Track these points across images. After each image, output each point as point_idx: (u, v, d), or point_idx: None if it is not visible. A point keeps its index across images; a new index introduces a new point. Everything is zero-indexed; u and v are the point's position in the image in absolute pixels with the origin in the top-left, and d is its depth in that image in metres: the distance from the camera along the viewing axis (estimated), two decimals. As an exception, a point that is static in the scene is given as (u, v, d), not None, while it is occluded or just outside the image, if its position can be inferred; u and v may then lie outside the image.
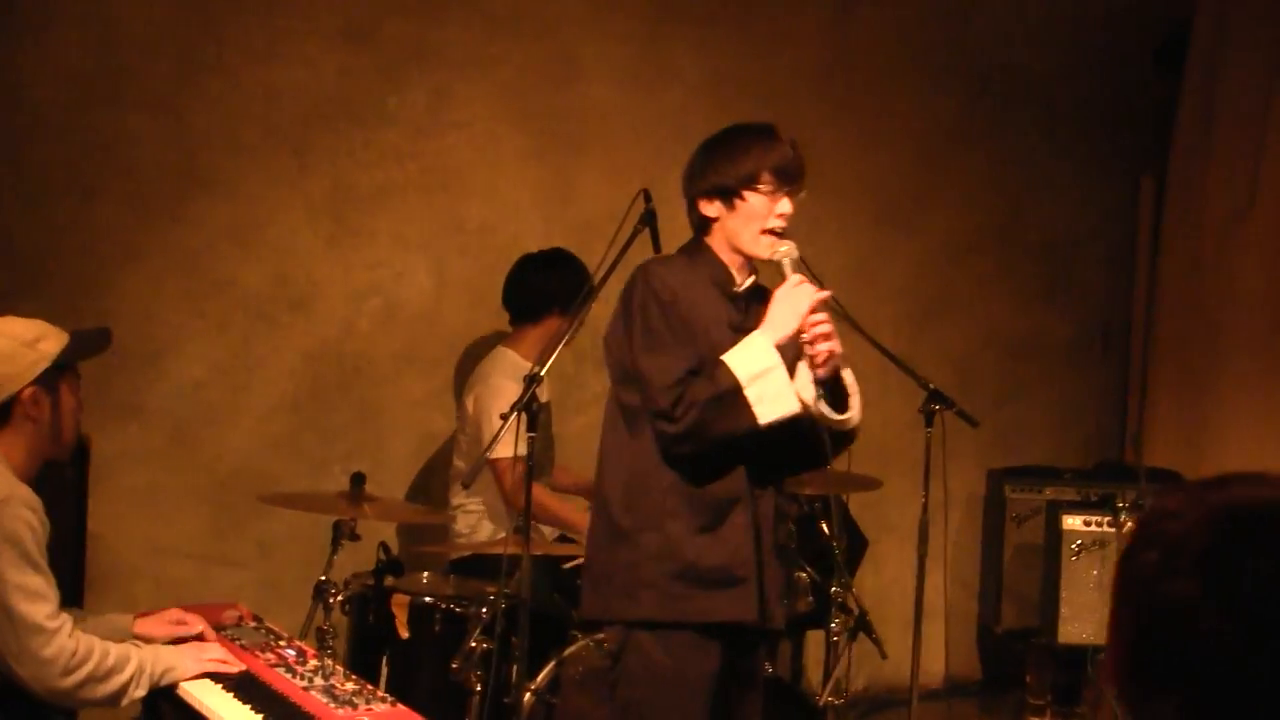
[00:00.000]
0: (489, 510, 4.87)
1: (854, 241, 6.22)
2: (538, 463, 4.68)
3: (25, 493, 3.15)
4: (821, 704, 4.52)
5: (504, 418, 3.76)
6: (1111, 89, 6.82)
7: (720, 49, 5.95)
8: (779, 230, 3.35)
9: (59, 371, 3.27)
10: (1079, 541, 5.70)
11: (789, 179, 3.36)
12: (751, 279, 3.46)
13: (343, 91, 5.16)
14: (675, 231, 4.42)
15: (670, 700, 3.32)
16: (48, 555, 3.15)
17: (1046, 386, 6.81)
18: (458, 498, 4.93)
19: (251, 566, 5.06)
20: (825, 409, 3.31)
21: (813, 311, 3.27)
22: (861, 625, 4.72)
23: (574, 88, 5.64)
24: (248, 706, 3.17)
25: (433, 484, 5.31)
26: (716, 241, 3.45)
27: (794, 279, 3.30)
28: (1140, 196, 6.99)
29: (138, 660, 3.21)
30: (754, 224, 3.36)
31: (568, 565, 4.62)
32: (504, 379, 4.78)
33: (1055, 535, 5.76)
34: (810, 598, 4.55)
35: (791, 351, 3.30)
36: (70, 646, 3.10)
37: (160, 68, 4.83)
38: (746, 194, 3.35)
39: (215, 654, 3.40)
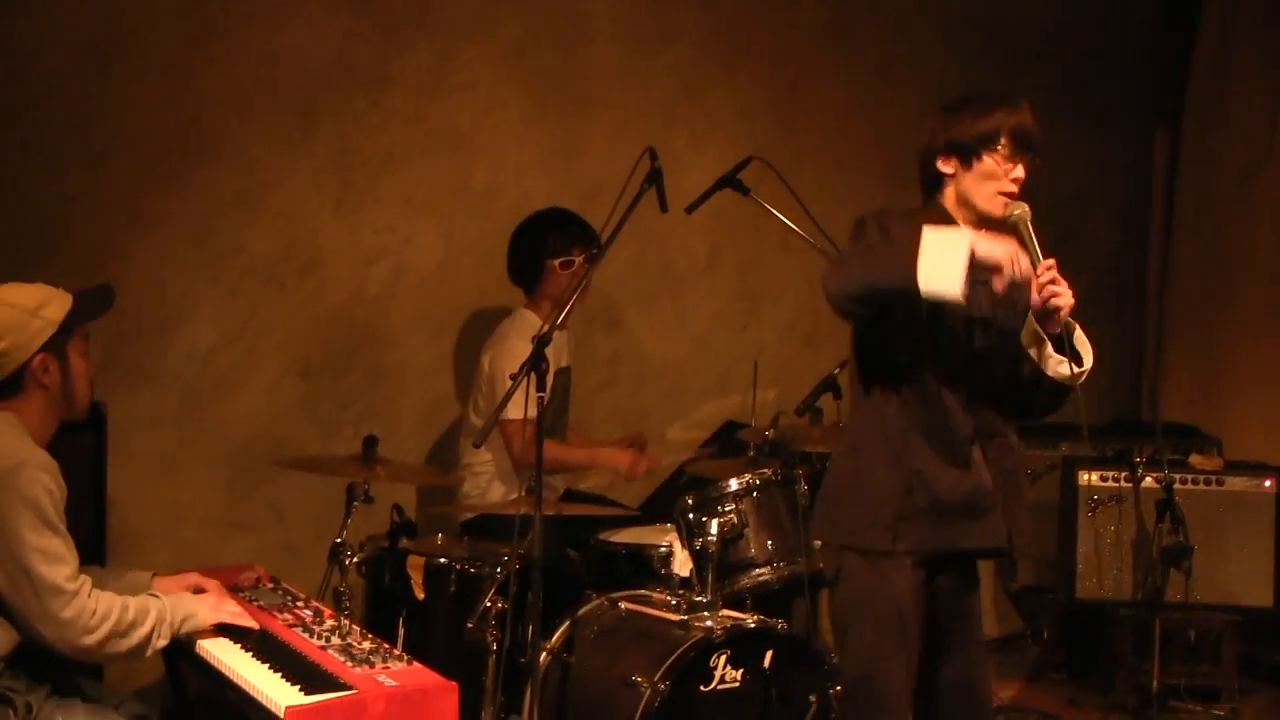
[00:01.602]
0: (499, 471, 4.88)
1: (863, 199, 6.16)
2: (550, 424, 4.71)
3: (42, 457, 3.17)
4: (837, 661, 4.51)
5: (513, 378, 3.77)
6: (1124, 41, 6.78)
7: (725, 6, 5.93)
8: (1012, 193, 3.46)
9: (66, 335, 3.29)
10: (1095, 497, 5.69)
11: (1025, 145, 3.46)
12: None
13: (347, 55, 5.14)
14: (681, 189, 4.42)
15: (880, 625, 3.48)
16: (65, 519, 3.17)
17: (1059, 342, 6.78)
18: (467, 456, 4.94)
19: (267, 530, 5.07)
20: (1057, 362, 3.42)
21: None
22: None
23: (578, 47, 5.62)
24: (266, 665, 3.18)
25: (443, 446, 5.31)
26: (948, 199, 3.55)
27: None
28: (1154, 151, 6.96)
29: (156, 611, 3.24)
30: (989, 184, 3.47)
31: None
32: (520, 340, 4.79)
33: (1071, 491, 5.75)
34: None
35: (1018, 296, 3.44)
36: (90, 606, 3.12)
37: (165, 33, 4.81)
38: (985, 155, 3.46)
39: (232, 606, 3.42)
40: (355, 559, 4.09)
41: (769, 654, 4.04)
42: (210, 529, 4.99)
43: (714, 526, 4.25)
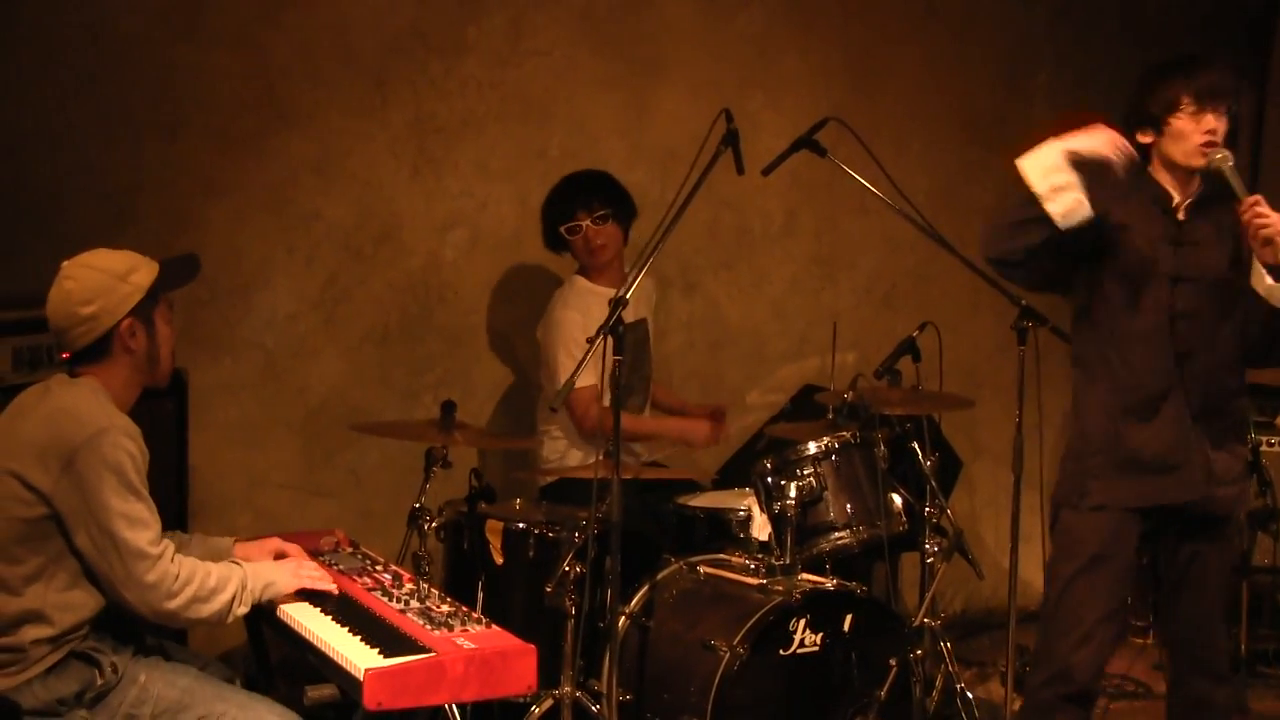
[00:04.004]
0: (576, 435, 4.87)
1: (940, 161, 6.12)
2: (628, 385, 4.69)
3: (125, 421, 3.20)
4: (917, 625, 4.48)
5: (590, 341, 3.76)
6: (1205, -1, 6.65)
7: (800, -34, 5.87)
8: (1210, 143, 3.61)
9: (153, 301, 3.31)
10: (1179, 460, 5.60)
11: (1209, 98, 3.62)
12: (1191, 198, 3.70)
13: (421, 22, 5.13)
14: (758, 152, 4.38)
15: (1087, 572, 3.71)
16: (148, 484, 3.19)
17: (1141, 304, 6.69)
18: (545, 421, 4.94)
19: (346, 495, 5.11)
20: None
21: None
22: (958, 546, 4.67)
23: (651, 11, 5.58)
24: (345, 628, 3.20)
25: (521, 411, 5.32)
26: (1154, 166, 3.72)
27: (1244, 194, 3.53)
28: (1239, 110, 6.81)
29: (239, 578, 3.26)
30: (1184, 143, 3.63)
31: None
32: (565, 309, 4.81)
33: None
34: (905, 519, 4.51)
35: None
36: (173, 570, 3.15)
37: (238, 1, 4.83)
38: (1171, 120, 3.64)
39: (312, 570, 3.44)
40: (434, 524, 4.12)
41: (848, 618, 4.03)
42: (290, 494, 5.03)
43: (792, 490, 4.22)
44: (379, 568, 3.69)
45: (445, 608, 3.34)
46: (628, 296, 3.77)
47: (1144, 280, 3.66)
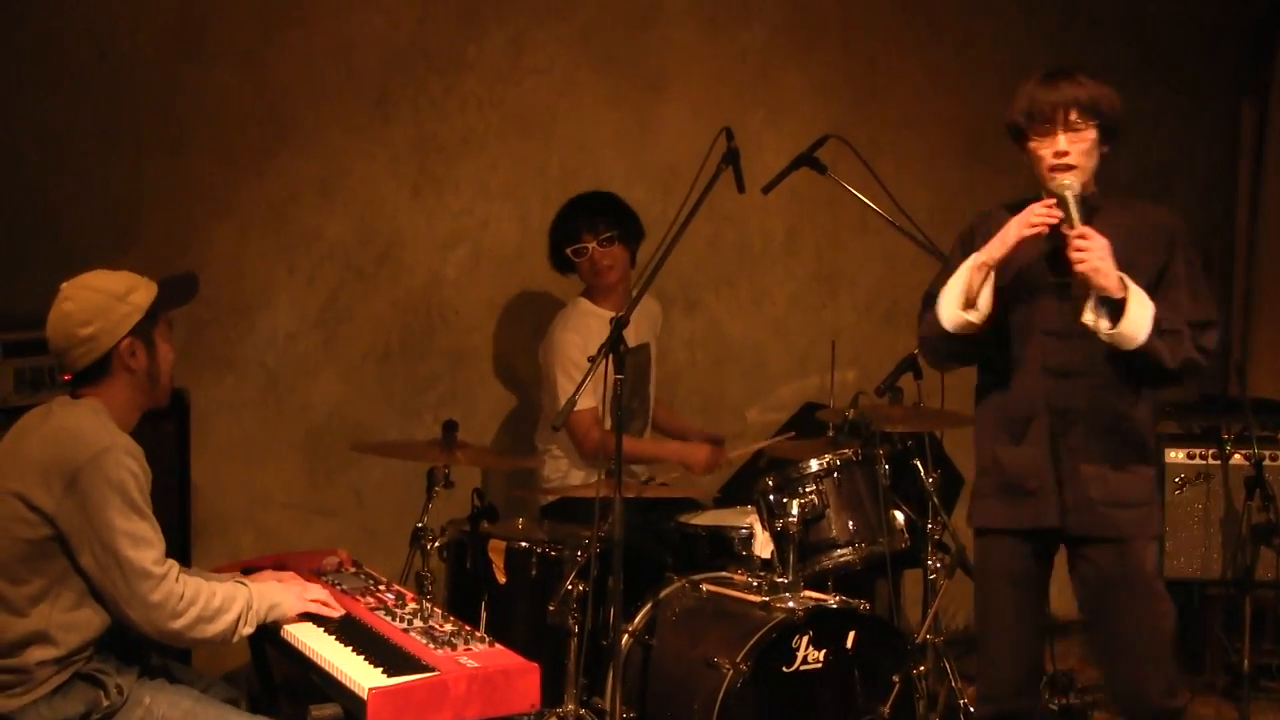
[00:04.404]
0: (573, 457, 4.87)
1: (942, 177, 6.12)
2: (627, 404, 4.70)
3: (126, 441, 3.21)
4: (920, 641, 4.48)
5: (591, 360, 3.77)
6: (1208, 11, 6.65)
7: (800, -14, 5.88)
8: (1060, 166, 3.54)
9: (152, 322, 3.32)
10: (1181, 475, 5.61)
11: (1044, 119, 3.54)
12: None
13: (422, 40, 5.15)
14: (759, 169, 4.39)
15: (989, 595, 3.78)
16: (151, 503, 3.20)
17: (1143, 319, 6.69)
18: (546, 441, 4.94)
19: (348, 515, 5.10)
20: (1099, 323, 3.46)
21: (1021, 235, 3.54)
22: (960, 562, 4.67)
23: (653, 30, 5.59)
24: (349, 648, 3.20)
25: (522, 430, 5.32)
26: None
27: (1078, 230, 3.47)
28: (1241, 122, 6.83)
29: (244, 599, 3.26)
30: (1038, 165, 3.59)
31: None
32: (565, 331, 4.81)
33: (1159, 470, 5.66)
34: (907, 536, 4.51)
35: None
36: (178, 590, 3.15)
37: (241, 20, 4.84)
38: (1029, 133, 3.60)
39: (317, 594, 3.45)
40: (437, 543, 4.12)
41: (851, 635, 4.02)
42: (292, 514, 5.03)
43: (795, 507, 4.22)
44: (382, 587, 3.69)
45: (448, 627, 3.35)
46: (629, 317, 3.78)
47: (1019, 297, 3.62)
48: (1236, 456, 5.41)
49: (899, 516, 4.48)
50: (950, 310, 3.61)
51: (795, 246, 5.96)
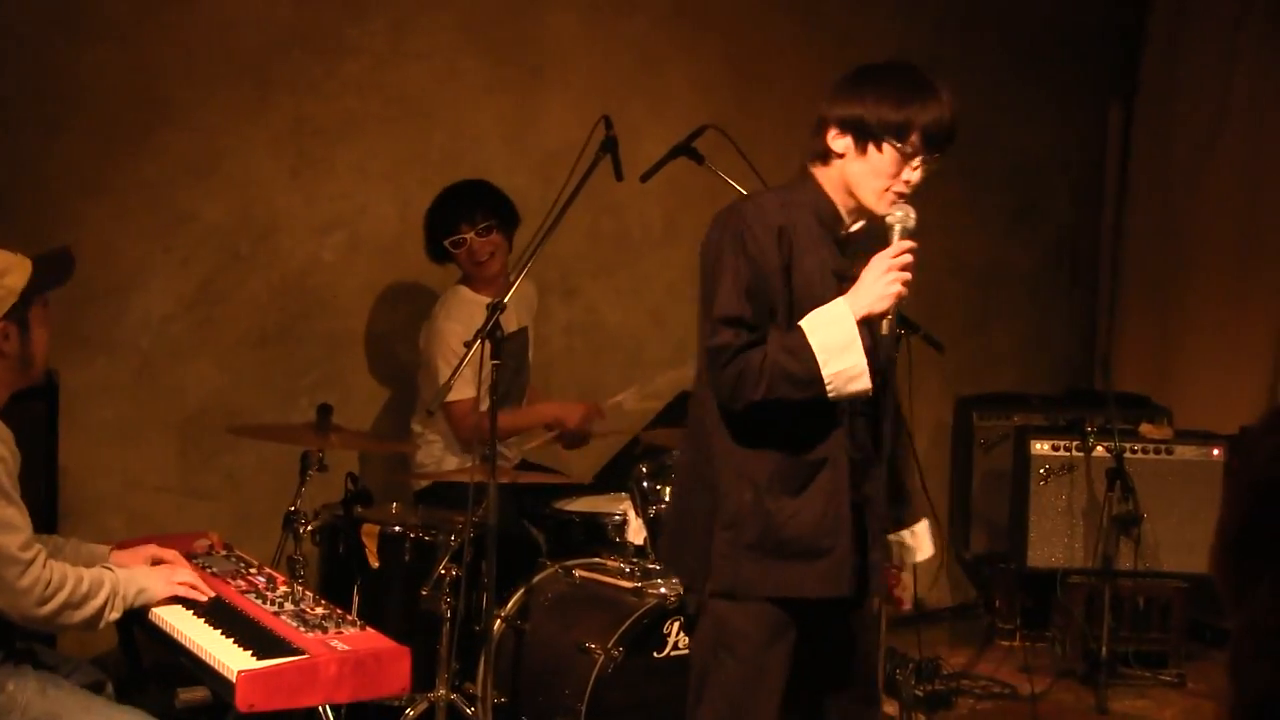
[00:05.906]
0: (452, 440, 4.88)
1: (820, 170, 6.20)
2: (506, 391, 4.71)
3: (-4, 424, 3.15)
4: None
5: (467, 345, 3.79)
6: (1078, 11, 6.82)
7: (683, -24, 5.92)
8: (903, 194, 3.11)
9: (26, 302, 3.26)
10: (1046, 466, 5.75)
11: (936, 146, 3.10)
12: (860, 224, 3.22)
13: (302, 22, 5.11)
14: (640, 159, 4.42)
15: (744, 673, 3.16)
16: (19, 487, 3.16)
17: (1014, 313, 6.85)
18: (421, 426, 4.94)
19: (222, 498, 5.06)
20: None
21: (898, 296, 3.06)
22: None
23: (535, 17, 5.60)
24: (218, 631, 3.19)
25: (398, 415, 5.31)
26: (828, 177, 3.18)
27: (899, 245, 3.07)
28: (1109, 122, 7.01)
29: (110, 584, 3.23)
30: (880, 179, 3.09)
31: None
32: (448, 320, 4.80)
33: (1023, 461, 5.80)
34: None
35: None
36: (45, 576, 3.11)
37: (120, -2, 4.79)
38: (886, 146, 3.08)
39: (186, 576, 3.42)
40: (310, 527, 4.11)
41: (722, 620, 4.07)
42: (165, 497, 4.98)
43: (668, 495, 4.27)
44: (253, 570, 3.68)
45: (319, 610, 3.35)
46: (505, 302, 3.80)
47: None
48: (1099, 448, 5.55)
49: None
50: (855, 382, 3.02)
51: (674, 236, 6.01)
